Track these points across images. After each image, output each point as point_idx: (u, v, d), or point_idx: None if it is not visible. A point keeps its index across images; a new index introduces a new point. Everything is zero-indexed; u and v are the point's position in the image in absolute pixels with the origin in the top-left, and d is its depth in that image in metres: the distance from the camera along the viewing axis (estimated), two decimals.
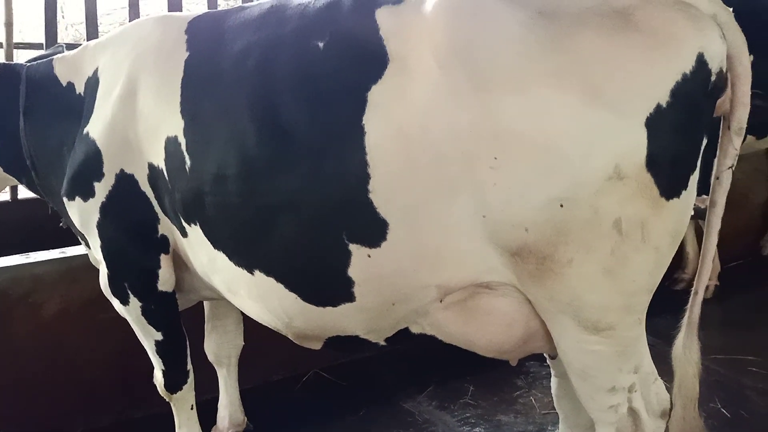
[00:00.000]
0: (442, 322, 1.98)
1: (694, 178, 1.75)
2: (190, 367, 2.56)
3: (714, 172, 1.89)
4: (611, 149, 1.63)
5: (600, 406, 1.92)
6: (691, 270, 4.60)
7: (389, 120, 1.75)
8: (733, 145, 1.83)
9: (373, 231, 1.80)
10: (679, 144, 1.68)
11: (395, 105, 1.75)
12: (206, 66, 2.10)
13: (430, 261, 1.82)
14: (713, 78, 1.68)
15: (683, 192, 1.72)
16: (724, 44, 1.69)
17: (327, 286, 1.93)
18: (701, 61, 1.64)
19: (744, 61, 1.75)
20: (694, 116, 1.69)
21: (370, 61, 1.79)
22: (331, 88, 1.84)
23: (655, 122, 1.62)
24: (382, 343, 2.11)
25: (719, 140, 1.86)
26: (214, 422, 3.03)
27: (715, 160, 1.87)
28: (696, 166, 1.75)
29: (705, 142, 1.76)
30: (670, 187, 1.69)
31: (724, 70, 1.71)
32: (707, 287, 4.44)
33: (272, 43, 1.99)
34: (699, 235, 4.79)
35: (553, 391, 2.38)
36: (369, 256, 1.83)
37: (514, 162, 1.67)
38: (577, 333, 1.82)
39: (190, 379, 2.56)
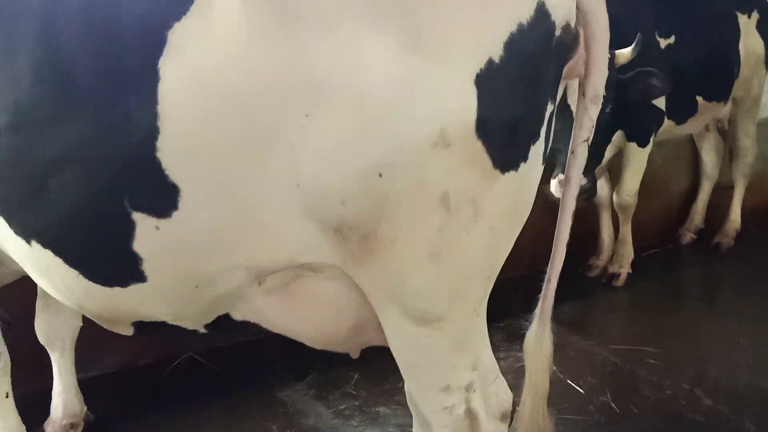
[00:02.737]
0: (263, 308, 1.72)
1: (537, 149, 1.52)
2: (3, 348, 2.24)
3: (570, 146, 1.67)
4: (435, 110, 1.38)
5: (433, 406, 1.69)
6: (605, 257, 4.46)
7: (187, 64, 1.45)
8: (588, 115, 1.61)
9: (162, 198, 1.51)
10: (516, 107, 1.44)
11: (195, 46, 1.45)
12: None
13: (235, 237, 1.55)
14: (558, 32, 1.44)
15: (522, 164, 1.49)
16: None
17: (110, 262, 1.63)
18: (542, 11, 1.40)
19: (601, 19, 1.52)
20: (534, 76, 1.44)
21: None
22: (125, 24, 1.51)
23: (487, 80, 1.38)
24: (203, 330, 1.84)
25: (575, 110, 1.63)
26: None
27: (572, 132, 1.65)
28: (539, 135, 1.51)
29: (551, 108, 1.53)
30: (505, 157, 1.45)
31: (572, 24, 1.48)
32: (619, 275, 4.40)
33: None
34: (616, 220, 4.70)
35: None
36: (157, 228, 1.54)
37: (325, 120, 1.40)
38: (404, 324, 1.59)
39: (3, 364, 2.25)
